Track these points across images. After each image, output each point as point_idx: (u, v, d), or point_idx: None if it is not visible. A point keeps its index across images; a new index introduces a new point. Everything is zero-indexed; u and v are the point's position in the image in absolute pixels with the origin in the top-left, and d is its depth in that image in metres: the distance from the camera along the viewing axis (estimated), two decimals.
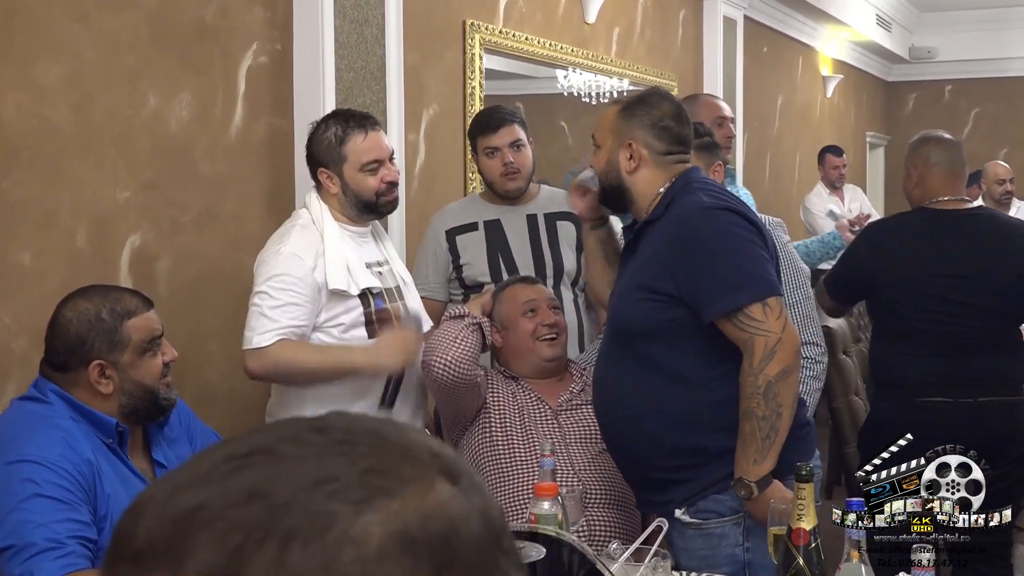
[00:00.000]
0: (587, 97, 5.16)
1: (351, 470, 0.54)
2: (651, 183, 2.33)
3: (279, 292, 2.51)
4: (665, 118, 2.35)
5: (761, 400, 2.15)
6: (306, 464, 0.54)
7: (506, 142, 3.16)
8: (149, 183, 2.87)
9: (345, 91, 3.39)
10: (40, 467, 1.95)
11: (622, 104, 2.40)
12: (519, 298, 2.77)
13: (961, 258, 3.08)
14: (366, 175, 2.63)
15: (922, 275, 3.08)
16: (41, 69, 2.59)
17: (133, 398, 2.11)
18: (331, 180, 2.64)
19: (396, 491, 0.54)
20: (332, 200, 2.65)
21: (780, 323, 2.18)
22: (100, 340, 2.08)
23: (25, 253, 2.57)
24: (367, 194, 2.64)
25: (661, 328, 2.25)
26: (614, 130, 2.37)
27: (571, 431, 2.62)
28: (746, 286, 2.19)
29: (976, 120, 10.20)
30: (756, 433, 2.16)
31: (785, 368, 2.17)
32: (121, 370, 2.09)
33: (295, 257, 2.54)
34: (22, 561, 1.88)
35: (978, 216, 3.23)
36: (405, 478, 0.55)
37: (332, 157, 2.63)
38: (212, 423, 2.69)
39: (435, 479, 0.56)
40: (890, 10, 9.28)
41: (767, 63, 7.51)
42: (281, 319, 2.50)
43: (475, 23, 4.22)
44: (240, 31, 3.16)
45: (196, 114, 3.01)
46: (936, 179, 3.16)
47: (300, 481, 0.53)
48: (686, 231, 2.24)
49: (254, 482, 0.54)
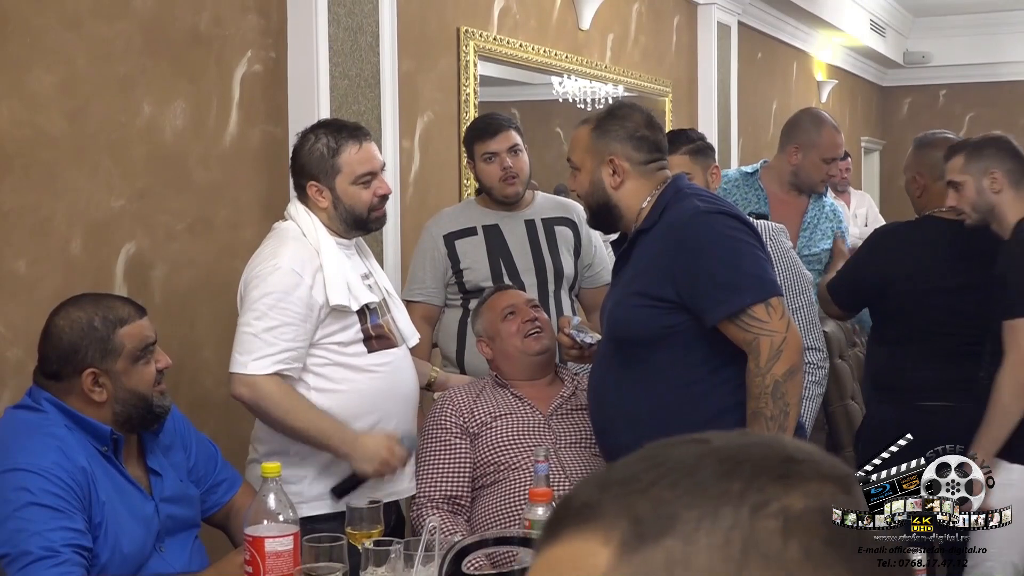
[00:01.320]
0: (582, 103, 5.17)
1: (776, 458, 0.62)
2: (637, 194, 2.34)
3: (275, 312, 2.38)
4: (640, 128, 2.35)
5: (769, 400, 2.15)
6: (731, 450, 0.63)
7: (504, 147, 3.17)
8: (144, 191, 2.87)
9: (339, 99, 3.39)
10: (34, 476, 1.95)
11: (593, 122, 2.38)
12: (497, 306, 2.79)
13: (969, 269, 3.07)
14: (359, 188, 2.51)
15: (931, 286, 3.08)
16: (35, 77, 2.59)
17: (127, 406, 2.10)
18: (321, 194, 2.51)
19: (811, 479, 0.62)
20: (320, 214, 2.52)
21: (784, 323, 2.18)
22: (93, 348, 2.07)
23: (20, 261, 2.57)
24: (359, 208, 2.52)
25: (661, 335, 2.25)
26: (591, 149, 2.35)
27: (563, 436, 2.62)
28: (748, 287, 2.19)
29: (970, 125, 10.21)
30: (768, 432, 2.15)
31: (791, 367, 2.17)
32: (114, 378, 2.08)
33: (294, 274, 2.41)
34: (17, 570, 1.88)
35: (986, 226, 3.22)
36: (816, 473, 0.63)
37: (324, 169, 2.50)
38: (206, 430, 2.69)
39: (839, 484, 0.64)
40: (884, 15, 9.30)
41: (761, 69, 7.53)
42: (278, 342, 2.38)
43: (469, 30, 4.23)
44: (234, 39, 3.16)
45: (190, 122, 3.01)
46: (942, 185, 3.10)
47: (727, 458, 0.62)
48: (684, 236, 2.24)
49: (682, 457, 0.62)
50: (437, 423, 2.63)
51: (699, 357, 2.25)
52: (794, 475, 0.62)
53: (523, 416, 2.64)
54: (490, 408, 2.64)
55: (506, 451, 2.56)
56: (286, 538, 1.92)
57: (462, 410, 2.62)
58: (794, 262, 3.08)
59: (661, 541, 0.59)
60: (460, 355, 3.19)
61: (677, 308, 2.23)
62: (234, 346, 2.44)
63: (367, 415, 2.51)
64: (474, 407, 2.63)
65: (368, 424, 2.50)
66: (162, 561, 2.12)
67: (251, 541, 1.92)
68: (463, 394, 2.67)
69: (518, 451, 2.56)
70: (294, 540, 1.94)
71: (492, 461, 2.56)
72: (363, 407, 2.51)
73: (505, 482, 2.52)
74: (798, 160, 3.77)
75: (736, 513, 0.59)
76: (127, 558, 2.04)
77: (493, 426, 2.60)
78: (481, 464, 2.57)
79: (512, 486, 2.50)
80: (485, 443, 2.58)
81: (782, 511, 0.59)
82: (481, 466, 2.57)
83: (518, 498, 2.46)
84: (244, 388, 2.40)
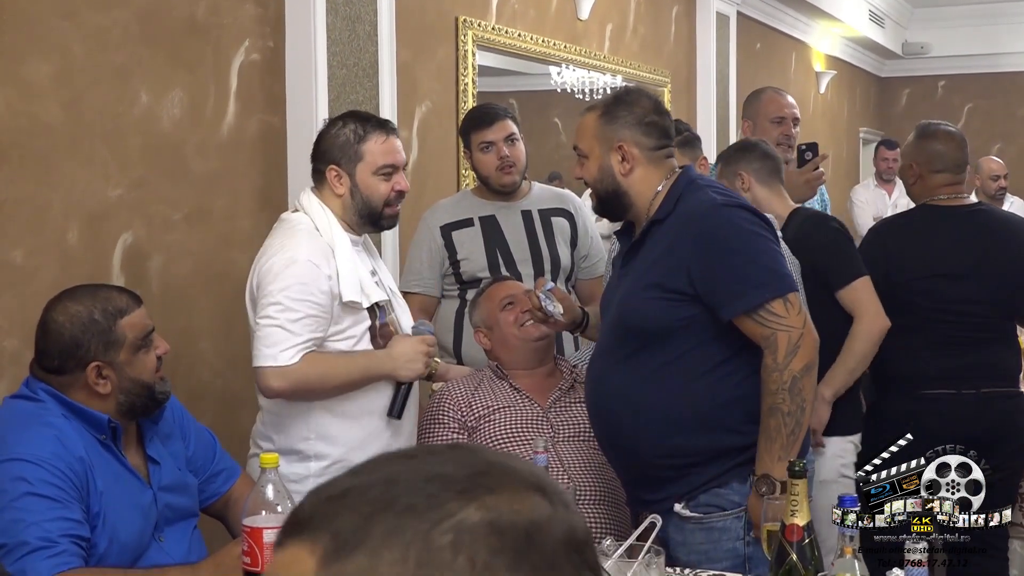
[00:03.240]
0: (580, 93, 5.16)
1: (465, 472, 0.69)
2: (648, 182, 2.31)
3: (298, 303, 2.34)
4: (649, 113, 2.31)
5: (787, 395, 2.14)
6: (432, 464, 0.71)
7: (501, 136, 3.17)
8: (141, 180, 2.86)
9: (337, 88, 3.38)
10: (32, 465, 1.95)
11: (600, 108, 2.33)
12: (495, 296, 2.79)
13: (964, 256, 3.12)
14: (379, 179, 2.47)
15: (929, 274, 3.11)
16: (30, 66, 2.58)
17: (131, 395, 2.10)
18: (340, 179, 2.47)
19: (495, 491, 0.68)
20: (334, 203, 2.48)
21: (801, 319, 2.17)
22: (96, 342, 2.06)
23: (16, 251, 2.56)
24: (376, 200, 2.47)
25: (673, 327, 2.23)
26: (599, 136, 2.31)
27: (561, 429, 2.62)
28: (767, 283, 2.18)
29: (969, 116, 10.21)
30: (782, 429, 2.14)
31: (808, 363, 2.17)
32: (118, 369, 2.08)
33: (312, 265, 2.37)
34: (14, 560, 1.88)
35: (979, 213, 3.25)
36: (505, 484, 0.69)
37: (347, 155, 2.46)
38: (204, 420, 2.68)
39: (531, 491, 0.70)
40: (883, 6, 9.28)
41: (760, 59, 7.51)
42: (303, 333, 2.34)
43: (468, 19, 4.21)
44: (232, 28, 3.15)
45: (188, 111, 3.00)
46: (937, 178, 3.17)
47: (424, 474, 0.69)
48: (702, 229, 2.22)
49: (390, 473, 0.70)
50: (435, 418, 2.62)
51: (708, 350, 2.24)
52: (477, 488, 0.68)
53: (521, 409, 2.63)
54: (488, 401, 2.64)
55: (504, 444, 2.56)
56: None
57: (460, 404, 2.62)
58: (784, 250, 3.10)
59: (353, 555, 0.66)
60: (457, 346, 3.19)
61: (691, 300, 2.21)
62: (257, 341, 2.37)
63: (372, 413, 2.50)
64: (472, 400, 2.63)
65: (372, 424, 2.49)
66: (161, 551, 2.12)
67: (249, 532, 1.91)
68: (461, 387, 2.67)
69: (517, 443, 2.56)
70: None
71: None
72: (368, 405, 2.49)
73: None
74: (751, 133, 3.80)
75: (416, 528, 0.66)
76: (125, 547, 2.04)
77: (492, 419, 2.60)
78: None
79: None
80: (483, 436, 2.58)
81: (455, 525, 0.66)
82: None
83: None
84: (279, 380, 2.35)
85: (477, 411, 2.61)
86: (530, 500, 0.69)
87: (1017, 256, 3.15)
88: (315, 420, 2.46)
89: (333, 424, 2.47)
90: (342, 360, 2.43)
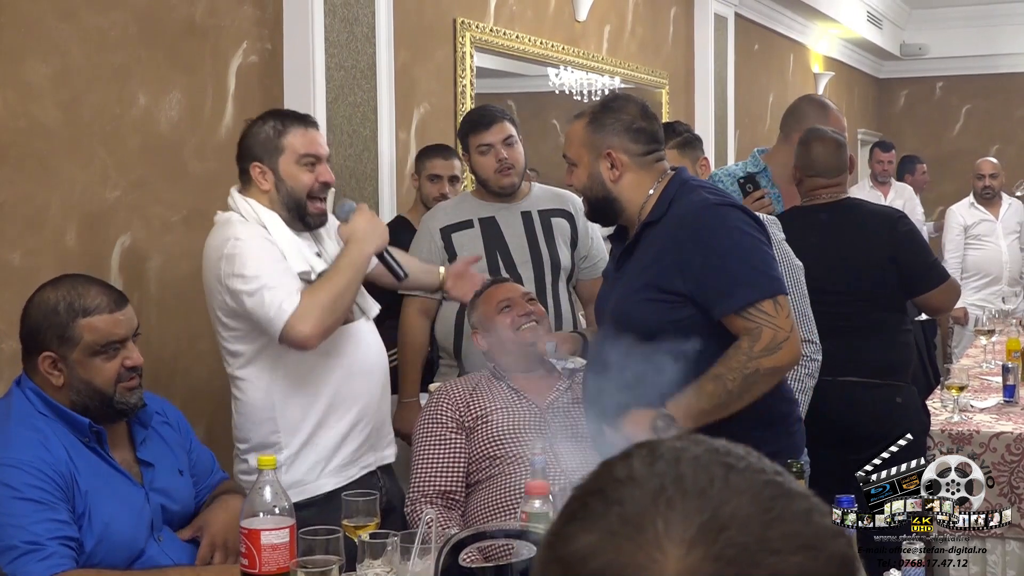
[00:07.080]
0: (578, 95, 5.16)
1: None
2: (638, 187, 2.31)
3: (264, 264, 2.40)
4: (636, 119, 2.31)
5: (740, 380, 2.14)
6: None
7: (499, 138, 3.17)
8: (139, 182, 2.86)
9: (335, 90, 3.38)
10: (16, 470, 1.95)
11: (588, 116, 2.34)
12: (493, 299, 2.78)
13: (830, 249, 3.22)
14: (302, 170, 2.50)
15: (806, 267, 3.16)
16: (29, 67, 2.58)
17: (82, 396, 2.07)
18: (264, 175, 2.51)
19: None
20: (262, 199, 2.51)
21: (789, 322, 2.18)
22: (51, 333, 2.05)
23: (15, 252, 2.56)
24: (300, 190, 2.50)
25: (668, 328, 2.23)
26: (587, 143, 2.32)
27: (560, 430, 2.61)
28: (758, 283, 2.18)
29: (967, 116, 10.22)
30: (714, 399, 2.14)
31: (777, 368, 2.17)
32: (70, 366, 2.06)
33: (257, 237, 2.44)
34: (4, 565, 1.87)
35: (838, 207, 3.34)
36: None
37: (268, 150, 2.50)
38: (202, 421, 2.69)
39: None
40: (881, 7, 9.29)
41: (758, 60, 7.52)
42: (286, 280, 2.40)
43: (466, 21, 4.21)
44: (230, 30, 3.15)
45: (186, 113, 3.00)
46: (814, 181, 3.34)
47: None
48: (695, 228, 2.22)
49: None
50: (432, 418, 2.62)
51: (705, 352, 2.23)
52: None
53: (519, 409, 2.63)
54: (486, 402, 2.64)
55: (502, 444, 2.56)
56: (282, 531, 1.92)
57: (458, 404, 2.62)
58: (786, 253, 3.08)
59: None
60: (457, 347, 3.19)
61: (685, 302, 2.22)
62: (261, 313, 2.37)
63: (326, 391, 2.51)
64: (470, 400, 2.63)
65: (327, 401, 2.51)
66: (161, 551, 2.12)
67: (247, 534, 1.91)
68: (459, 388, 2.67)
69: (514, 444, 2.55)
70: (290, 533, 1.93)
71: (488, 454, 2.56)
72: (322, 383, 2.51)
73: (501, 475, 2.52)
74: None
75: None
76: (116, 546, 2.03)
77: (489, 419, 2.60)
78: (477, 457, 2.57)
79: (508, 479, 2.50)
80: (481, 436, 2.58)
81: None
82: (477, 459, 2.57)
83: (514, 491, 2.46)
84: (303, 323, 2.36)
85: (475, 412, 2.61)
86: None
87: (876, 247, 3.25)
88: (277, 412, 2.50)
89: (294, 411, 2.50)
90: (329, 274, 2.47)
